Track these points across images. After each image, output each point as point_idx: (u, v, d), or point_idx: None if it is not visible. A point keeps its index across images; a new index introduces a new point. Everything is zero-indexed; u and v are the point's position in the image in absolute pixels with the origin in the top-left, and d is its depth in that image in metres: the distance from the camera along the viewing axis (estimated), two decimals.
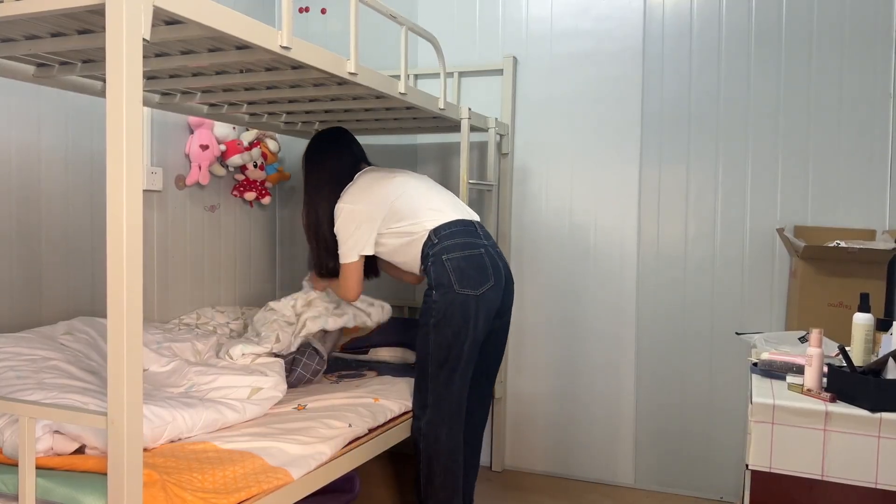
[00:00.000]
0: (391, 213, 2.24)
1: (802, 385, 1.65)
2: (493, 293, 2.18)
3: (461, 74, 3.15)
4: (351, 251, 2.27)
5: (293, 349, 2.38)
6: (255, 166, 3.08)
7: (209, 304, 3.04)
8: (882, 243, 2.40)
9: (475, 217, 2.34)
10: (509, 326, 2.40)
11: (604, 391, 2.99)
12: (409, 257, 2.26)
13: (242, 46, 1.67)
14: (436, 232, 2.19)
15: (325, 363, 2.49)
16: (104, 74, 1.64)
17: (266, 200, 3.24)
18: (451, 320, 2.12)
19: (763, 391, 1.65)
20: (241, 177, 3.12)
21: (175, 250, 2.86)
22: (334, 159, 2.42)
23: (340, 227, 2.28)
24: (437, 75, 3.04)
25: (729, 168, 2.81)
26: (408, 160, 3.29)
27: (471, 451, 2.43)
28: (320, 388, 2.36)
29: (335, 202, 2.31)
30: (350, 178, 2.36)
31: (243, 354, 2.26)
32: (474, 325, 2.14)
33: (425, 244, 2.20)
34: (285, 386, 2.17)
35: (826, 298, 2.41)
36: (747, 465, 1.60)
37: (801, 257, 2.43)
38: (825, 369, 1.66)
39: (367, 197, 2.26)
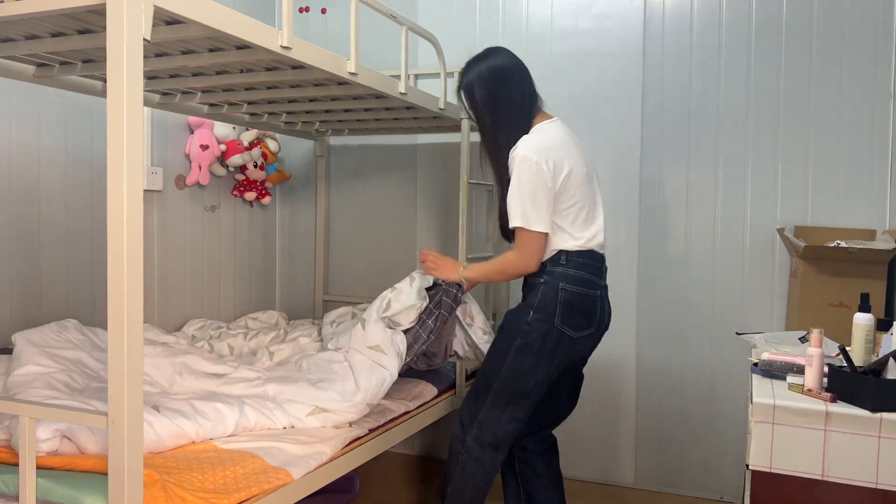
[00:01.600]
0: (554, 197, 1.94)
1: (803, 385, 1.65)
2: (588, 342, 2.05)
3: None
4: (542, 218, 1.92)
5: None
6: (256, 166, 3.08)
7: (209, 304, 3.04)
8: (882, 243, 2.40)
9: (605, 248, 2.11)
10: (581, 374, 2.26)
11: (604, 391, 2.99)
12: None
13: (243, 46, 1.67)
14: (569, 254, 1.98)
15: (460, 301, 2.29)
16: (104, 74, 1.64)
17: (266, 200, 3.24)
18: (536, 351, 1.96)
19: (763, 391, 1.65)
20: (241, 177, 3.12)
21: (175, 250, 2.86)
22: (521, 90, 2.03)
23: (525, 182, 1.89)
24: (437, 75, 3.04)
25: (729, 168, 2.80)
26: (408, 160, 3.28)
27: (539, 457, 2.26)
28: None
29: (512, 144, 1.96)
30: (529, 119, 2.03)
31: (384, 317, 2.16)
32: (555, 363, 1.99)
33: (552, 257, 1.99)
34: (356, 411, 2.03)
35: (826, 298, 2.41)
36: (748, 465, 1.60)
37: (801, 257, 2.43)
38: (825, 369, 1.66)
39: (550, 162, 1.91)
